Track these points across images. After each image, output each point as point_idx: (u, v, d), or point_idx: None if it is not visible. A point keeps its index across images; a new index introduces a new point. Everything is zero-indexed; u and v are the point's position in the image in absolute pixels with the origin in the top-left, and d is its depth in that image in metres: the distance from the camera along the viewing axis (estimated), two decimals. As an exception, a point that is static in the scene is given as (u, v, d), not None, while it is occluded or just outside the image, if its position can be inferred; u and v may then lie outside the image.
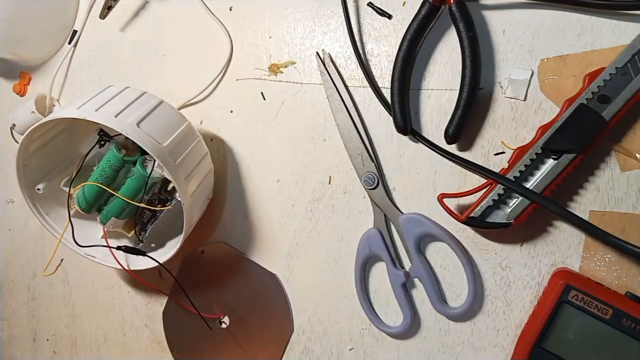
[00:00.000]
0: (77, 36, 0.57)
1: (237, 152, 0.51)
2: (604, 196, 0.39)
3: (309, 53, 0.48)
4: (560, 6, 0.39)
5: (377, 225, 0.45)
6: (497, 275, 0.42)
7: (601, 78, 0.37)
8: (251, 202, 0.50)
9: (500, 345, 0.42)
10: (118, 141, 0.46)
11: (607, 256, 0.39)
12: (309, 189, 0.48)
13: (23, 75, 0.62)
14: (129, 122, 0.41)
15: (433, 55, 0.43)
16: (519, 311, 0.41)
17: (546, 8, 0.40)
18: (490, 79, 0.42)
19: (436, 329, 0.44)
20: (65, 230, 0.47)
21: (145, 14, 0.55)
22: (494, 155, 0.42)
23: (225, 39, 0.50)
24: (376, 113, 0.45)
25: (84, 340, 0.61)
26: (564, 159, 0.37)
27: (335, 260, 0.47)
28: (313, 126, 0.47)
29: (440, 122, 0.43)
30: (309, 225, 0.48)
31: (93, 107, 0.41)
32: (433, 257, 0.44)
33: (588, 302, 0.36)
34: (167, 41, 0.53)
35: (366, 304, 0.45)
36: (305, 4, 0.48)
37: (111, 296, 0.58)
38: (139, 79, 0.55)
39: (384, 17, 0.45)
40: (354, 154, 0.45)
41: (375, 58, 0.45)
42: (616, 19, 0.38)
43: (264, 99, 0.49)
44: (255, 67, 0.50)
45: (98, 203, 0.47)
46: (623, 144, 0.38)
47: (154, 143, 0.41)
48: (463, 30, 0.40)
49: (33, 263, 0.63)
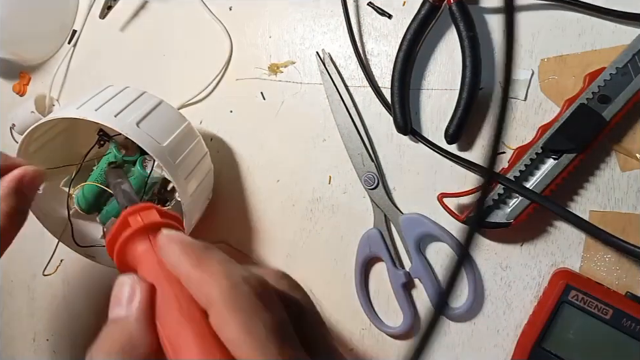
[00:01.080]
0: (77, 36, 0.57)
1: (237, 152, 0.51)
2: (604, 196, 0.39)
3: (309, 53, 0.47)
4: (563, 6, 0.39)
5: (377, 225, 0.45)
6: (497, 275, 0.42)
7: (601, 78, 0.37)
8: (251, 202, 0.50)
9: (500, 345, 0.42)
10: (117, 141, 0.46)
11: (607, 256, 0.39)
12: (309, 189, 0.48)
13: (22, 75, 0.62)
14: (128, 122, 0.41)
15: (433, 55, 0.43)
16: (519, 311, 0.41)
17: (546, 9, 0.40)
18: (490, 79, 0.42)
19: (436, 329, 0.44)
20: (65, 230, 0.47)
21: (145, 14, 0.55)
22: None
23: (225, 39, 0.50)
24: (376, 113, 0.45)
25: (84, 340, 0.61)
26: (564, 159, 0.37)
27: (335, 260, 0.47)
28: (313, 126, 0.47)
29: (440, 122, 0.43)
30: (309, 225, 0.48)
31: (93, 107, 0.41)
32: (433, 257, 0.44)
33: (588, 302, 0.36)
34: (167, 41, 0.53)
35: (366, 304, 0.45)
36: (305, 4, 0.48)
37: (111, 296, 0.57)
38: (138, 79, 0.55)
39: (384, 17, 0.45)
40: (354, 154, 0.45)
41: (375, 58, 0.45)
42: (616, 20, 0.38)
43: (264, 99, 0.49)
44: (255, 67, 0.50)
45: (97, 203, 0.47)
46: (623, 144, 0.38)
47: (154, 143, 0.41)
48: (463, 30, 0.40)
49: (33, 263, 0.63)
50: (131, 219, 0.26)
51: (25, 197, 0.36)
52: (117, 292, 0.23)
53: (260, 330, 0.20)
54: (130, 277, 0.23)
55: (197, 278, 0.21)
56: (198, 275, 0.21)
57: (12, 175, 0.35)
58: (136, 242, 0.25)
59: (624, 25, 0.38)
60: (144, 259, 0.25)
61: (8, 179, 0.35)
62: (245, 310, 0.20)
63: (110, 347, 0.21)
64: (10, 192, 0.35)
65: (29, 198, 0.36)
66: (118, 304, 0.23)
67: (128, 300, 0.22)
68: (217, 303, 0.20)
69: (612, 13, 0.38)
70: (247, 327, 0.20)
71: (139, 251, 0.25)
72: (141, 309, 0.22)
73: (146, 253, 0.25)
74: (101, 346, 0.21)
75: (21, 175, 0.36)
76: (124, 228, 0.26)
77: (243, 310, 0.20)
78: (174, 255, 0.23)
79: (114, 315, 0.23)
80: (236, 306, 0.20)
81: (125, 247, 0.25)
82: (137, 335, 0.21)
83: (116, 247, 0.25)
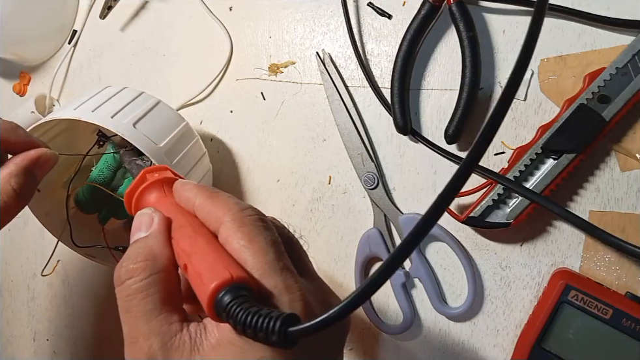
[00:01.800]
0: (77, 36, 0.57)
1: (237, 152, 0.51)
2: (604, 196, 0.39)
3: (309, 53, 0.47)
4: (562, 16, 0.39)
5: (377, 225, 0.45)
6: (497, 275, 0.42)
7: (601, 78, 0.37)
8: (251, 202, 0.50)
9: (500, 345, 0.42)
10: (115, 141, 0.46)
11: (607, 256, 0.39)
12: (309, 189, 0.48)
13: (22, 75, 0.62)
14: (125, 123, 0.41)
15: (433, 55, 0.43)
16: (519, 311, 0.41)
17: (547, 15, 0.40)
18: (490, 79, 0.42)
19: (436, 329, 0.44)
20: (64, 230, 0.47)
21: (145, 14, 0.55)
22: (494, 155, 0.42)
23: (225, 39, 0.50)
24: (376, 113, 0.45)
25: (84, 340, 0.61)
26: (564, 159, 0.37)
27: (335, 260, 0.47)
28: (313, 126, 0.47)
29: (440, 122, 0.43)
30: (309, 225, 0.48)
31: (90, 108, 0.41)
32: (433, 257, 0.44)
33: (588, 302, 0.36)
34: (167, 41, 0.53)
35: (366, 304, 0.45)
36: (305, 4, 0.48)
37: (111, 296, 0.57)
38: (139, 79, 0.55)
39: (384, 17, 0.45)
40: (354, 154, 0.45)
41: (375, 58, 0.45)
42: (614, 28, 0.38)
43: (264, 99, 0.49)
44: (255, 67, 0.50)
45: (96, 203, 0.47)
46: (623, 144, 0.38)
47: (150, 144, 0.41)
48: (463, 30, 0.40)
49: (33, 263, 0.63)
50: (149, 175, 0.30)
51: (35, 178, 0.37)
52: (138, 221, 0.27)
53: (261, 241, 0.24)
54: (148, 209, 0.28)
55: (210, 205, 0.26)
56: (210, 203, 0.26)
57: (29, 155, 0.36)
58: (153, 191, 0.30)
59: (623, 30, 0.38)
60: (159, 202, 0.29)
61: (24, 158, 0.36)
62: (249, 226, 0.24)
63: (135, 258, 0.25)
64: (23, 171, 0.35)
65: (38, 180, 0.37)
66: (139, 229, 0.27)
67: (147, 224, 0.27)
68: (227, 222, 0.24)
69: (610, 21, 0.38)
70: (250, 237, 0.24)
71: (154, 197, 0.29)
72: (158, 229, 0.26)
73: (161, 198, 0.29)
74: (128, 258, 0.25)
75: (37, 156, 0.37)
76: (142, 182, 0.30)
77: (248, 226, 0.24)
78: (190, 192, 0.27)
79: (136, 238, 0.26)
80: (243, 223, 0.24)
81: (143, 195, 0.29)
82: (157, 248, 0.25)
83: (135, 194, 0.30)
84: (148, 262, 0.25)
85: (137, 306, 0.24)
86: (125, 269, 0.25)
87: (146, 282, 0.24)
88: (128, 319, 0.24)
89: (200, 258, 0.23)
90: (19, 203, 0.36)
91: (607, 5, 0.38)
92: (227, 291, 0.21)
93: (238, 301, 0.21)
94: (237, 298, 0.21)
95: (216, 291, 0.21)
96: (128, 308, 0.24)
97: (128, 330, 0.24)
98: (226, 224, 0.24)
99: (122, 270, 0.25)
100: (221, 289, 0.21)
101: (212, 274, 0.22)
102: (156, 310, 0.24)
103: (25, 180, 0.35)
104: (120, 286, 0.25)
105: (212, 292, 0.21)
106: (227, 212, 0.25)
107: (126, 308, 0.24)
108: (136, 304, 0.24)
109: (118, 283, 0.25)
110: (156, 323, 0.23)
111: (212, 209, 0.26)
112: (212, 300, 0.22)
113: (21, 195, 0.35)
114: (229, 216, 0.25)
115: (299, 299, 0.23)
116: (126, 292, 0.24)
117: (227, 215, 0.25)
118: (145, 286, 0.24)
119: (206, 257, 0.23)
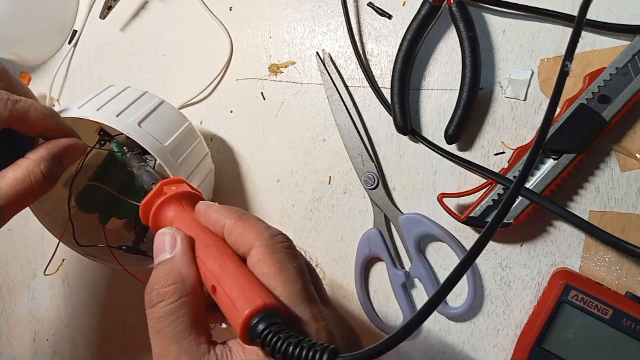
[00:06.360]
0: (77, 36, 0.57)
1: (237, 152, 0.51)
2: (604, 196, 0.39)
3: (309, 53, 0.48)
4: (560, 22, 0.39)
5: (377, 225, 0.45)
6: (497, 275, 0.42)
7: (601, 78, 0.37)
8: (251, 202, 0.50)
9: (500, 345, 0.42)
10: (118, 140, 0.46)
11: (607, 256, 0.39)
12: (309, 189, 0.48)
13: (23, 75, 0.62)
14: (130, 122, 0.41)
15: (433, 55, 0.43)
16: (519, 311, 0.41)
17: (547, 16, 0.40)
18: (490, 79, 0.42)
19: (436, 329, 0.44)
20: (65, 230, 0.47)
21: (145, 14, 0.55)
22: (494, 155, 0.42)
23: (225, 39, 0.50)
24: (376, 113, 0.45)
25: (84, 340, 0.61)
26: (564, 159, 0.37)
27: (335, 260, 0.47)
28: (313, 126, 0.47)
29: (440, 122, 0.43)
30: (309, 225, 0.48)
31: (94, 106, 0.41)
32: (433, 257, 0.44)
33: (588, 302, 0.36)
34: (167, 41, 0.53)
35: (366, 304, 0.45)
36: (305, 4, 0.48)
37: (111, 296, 0.58)
38: (139, 79, 0.55)
39: (384, 17, 0.45)
40: (354, 154, 0.45)
41: (375, 58, 0.45)
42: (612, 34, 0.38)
43: (264, 99, 0.49)
44: (255, 67, 0.50)
45: (98, 202, 0.47)
46: (623, 144, 0.38)
47: (156, 143, 0.41)
48: (463, 30, 0.40)
49: (33, 263, 0.63)
50: (166, 188, 0.30)
51: (62, 166, 0.37)
52: (159, 242, 0.28)
53: (291, 269, 0.25)
54: (169, 228, 0.28)
55: (242, 227, 0.26)
56: (242, 225, 0.26)
57: (61, 142, 0.37)
58: (171, 205, 0.29)
59: (622, 34, 0.38)
60: (178, 219, 0.29)
61: (56, 144, 0.37)
62: (281, 254, 0.25)
63: (165, 281, 0.25)
64: (53, 157, 0.36)
65: (64, 168, 0.38)
66: (162, 250, 0.27)
67: (171, 245, 0.27)
68: (258, 246, 0.25)
69: (607, 27, 0.38)
70: (281, 265, 0.25)
71: (173, 212, 0.29)
72: (182, 250, 0.27)
73: (180, 213, 0.29)
74: (157, 282, 0.26)
75: (68, 145, 0.37)
76: (159, 195, 0.30)
77: (279, 254, 0.25)
78: (218, 214, 0.27)
79: (160, 259, 0.27)
80: (274, 250, 0.25)
81: (161, 208, 0.29)
82: (185, 270, 0.26)
83: (153, 209, 0.30)
84: (178, 285, 0.25)
85: (168, 327, 0.25)
86: (156, 292, 0.25)
87: (176, 304, 0.25)
88: (159, 340, 0.25)
89: (231, 282, 0.24)
90: (45, 186, 0.36)
91: (607, 5, 0.38)
92: (261, 318, 0.22)
93: (274, 329, 0.22)
94: (271, 325, 0.22)
95: (250, 318, 0.22)
96: (159, 329, 0.25)
97: (159, 350, 0.25)
98: (257, 248, 0.25)
99: (154, 293, 0.25)
100: (255, 316, 0.22)
101: (245, 299, 0.23)
102: (186, 331, 0.24)
103: (53, 166, 0.36)
104: (152, 308, 0.25)
105: (246, 318, 0.22)
106: (259, 236, 0.26)
107: (157, 329, 0.25)
108: (167, 326, 0.25)
109: (150, 305, 0.26)
110: (185, 343, 0.24)
111: (243, 231, 0.26)
112: (246, 326, 0.22)
113: (48, 179, 0.36)
114: (260, 241, 0.25)
115: (324, 329, 0.24)
116: (157, 314, 0.25)
117: (259, 240, 0.25)
118: (175, 308, 0.25)
119: (237, 281, 0.24)
